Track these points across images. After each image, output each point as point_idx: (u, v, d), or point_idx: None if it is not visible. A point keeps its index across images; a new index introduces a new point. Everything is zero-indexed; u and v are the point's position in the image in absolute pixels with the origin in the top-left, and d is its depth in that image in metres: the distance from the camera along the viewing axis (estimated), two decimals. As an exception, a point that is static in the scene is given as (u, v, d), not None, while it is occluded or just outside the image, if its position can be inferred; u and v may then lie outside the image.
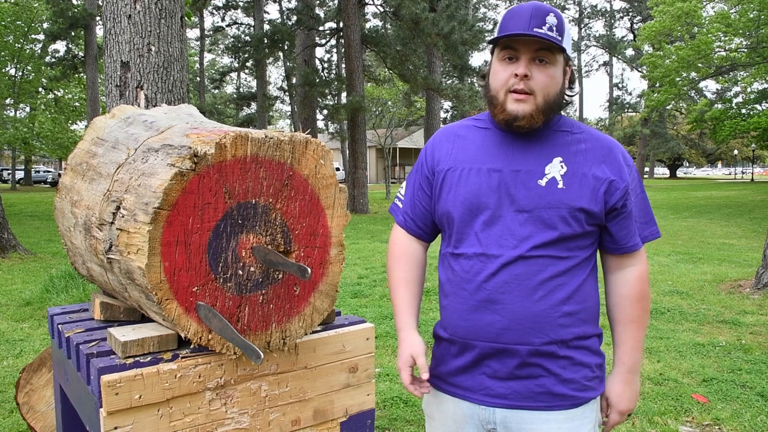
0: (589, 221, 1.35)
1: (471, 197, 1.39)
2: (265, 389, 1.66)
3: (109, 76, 4.25)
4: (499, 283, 1.35)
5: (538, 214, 1.34)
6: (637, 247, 1.42)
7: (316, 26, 21.50)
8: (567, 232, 1.34)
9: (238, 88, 42.26)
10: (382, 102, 29.25)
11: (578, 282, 1.37)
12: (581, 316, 1.38)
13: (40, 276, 7.11)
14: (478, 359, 1.40)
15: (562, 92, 1.38)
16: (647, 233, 1.44)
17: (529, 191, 1.35)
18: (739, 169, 64.77)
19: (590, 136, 1.42)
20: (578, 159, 1.37)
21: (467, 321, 1.39)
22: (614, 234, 1.40)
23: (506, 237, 1.36)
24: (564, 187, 1.34)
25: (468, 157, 1.43)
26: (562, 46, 1.32)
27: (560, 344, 1.36)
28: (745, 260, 8.37)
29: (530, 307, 1.34)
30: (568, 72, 1.41)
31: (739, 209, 17.71)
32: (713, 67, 18.38)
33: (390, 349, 4.45)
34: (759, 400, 3.42)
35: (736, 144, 47.77)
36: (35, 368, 2.68)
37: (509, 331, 1.35)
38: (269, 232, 1.57)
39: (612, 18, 47.07)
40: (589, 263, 1.40)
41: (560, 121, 1.43)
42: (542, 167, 1.36)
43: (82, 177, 1.88)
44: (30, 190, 28.58)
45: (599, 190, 1.34)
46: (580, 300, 1.37)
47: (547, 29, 1.30)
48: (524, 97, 1.33)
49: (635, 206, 1.40)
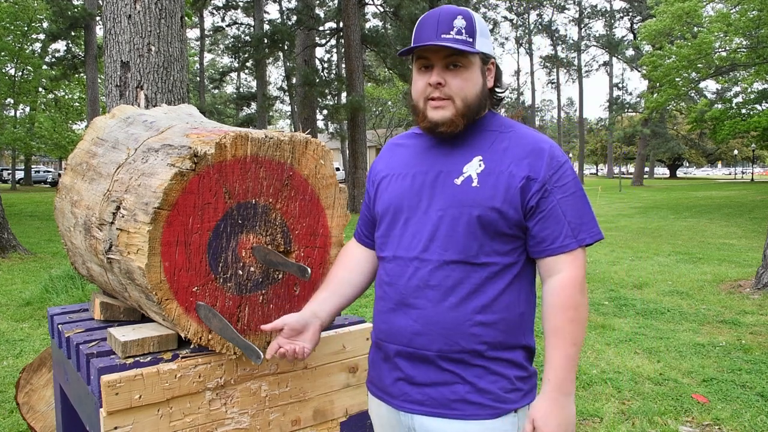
0: (506, 224, 1.30)
1: (394, 200, 1.40)
2: (265, 389, 1.66)
3: (109, 76, 4.25)
4: (413, 287, 1.33)
5: (452, 213, 1.31)
6: (564, 249, 1.30)
7: (316, 26, 21.50)
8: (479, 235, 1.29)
9: (238, 88, 42.25)
10: (382, 102, 29.27)
11: (497, 290, 1.31)
12: (500, 327, 1.31)
13: (40, 276, 7.11)
14: (395, 363, 1.37)
15: (483, 92, 1.36)
16: (584, 235, 1.32)
17: (443, 191, 1.33)
18: (739, 169, 64.79)
19: (517, 134, 1.36)
20: (498, 157, 1.33)
21: (385, 323, 1.39)
22: (535, 234, 1.32)
23: (419, 240, 1.33)
24: (478, 185, 1.30)
25: (401, 164, 1.44)
26: (470, 50, 1.29)
27: (472, 354, 1.30)
28: (745, 260, 8.37)
29: (441, 314, 1.30)
30: (491, 70, 1.39)
31: (739, 209, 17.71)
32: (713, 67, 18.38)
33: (390, 349, 4.45)
34: (759, 400, 3.42)
35: (736, 144, 47.77)
36: (35, 368, 2.68)
37: (421, 336, 1.32)
38: (269, 232, 1.57)
39: (612, 18, 47.06)
40: (512, 270, 1.33)
41: (490, 121, 1.40)
42: (461, 167, 1.34)
43: (82, 177, 1.88)
44: (30, 190, 28.58)
45: (514, 186, 1.29)
46: (499, 309, 1.31)
47: (455, 33, 1.29)
48: (442, 103, 1.33)
49: (564, 206, 1.31)
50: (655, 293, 6.31)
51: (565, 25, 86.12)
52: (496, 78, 1.41)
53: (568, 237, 1.31)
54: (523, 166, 1.30)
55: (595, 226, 1.35)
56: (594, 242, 1.33)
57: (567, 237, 1.31)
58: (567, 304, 1.29)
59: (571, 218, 1.31)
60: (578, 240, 1.31)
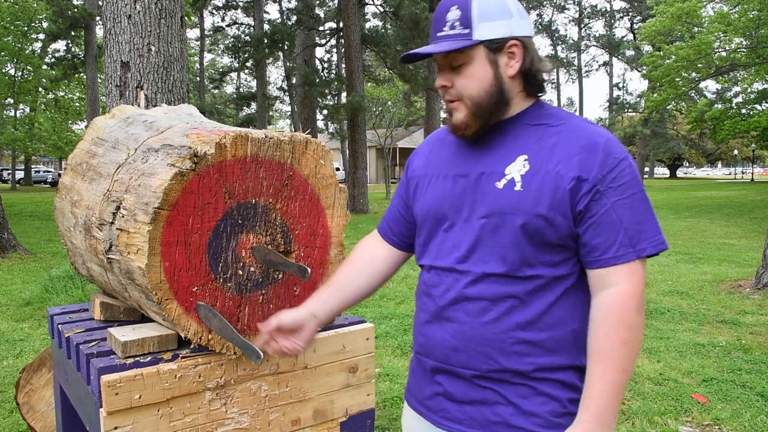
0: (555, 233, 1.15)
1: (434, 205, 1.29)
2: (265, 389, 1.66)
3: (109, 76, 4.25)
4: (450, 300, 1.22)
5: (494, 222, 1.18)
6: (619, 260, 1.14)
7: (316, 26, 21.51)
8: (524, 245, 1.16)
9: (238, 88, 42.26)
10: (382, 102, 29.27)
11: (544, 305, 1.17)
12: (547, 345, 1.17)
13: (40, 276, 7.11)
14: (433, 378, 1.28)
15: (496, 85, 1.19)
16: (645, 244, 1.14)
17: (485, 196, 1.20)
18: (739, 169, 64.78)
19: (569, 127, 1.20)
20: (545, 155, 1.17)
21: (423, 336, 1.30)
22: (586, 243, 1.16)
23: (459, 250, 1.22)
24: (521, 189, 1.16)
25: (441, 163, 1.33)
26: (461, 45, 1.16)
27: (513, 374, 1.18)
28: (745, 260, 8.37)
29: (480, 330, 1.18)
30: (514, 54, 1.20)
31: (739, 209, 17.71)
32: (713, 67, 18.38)
33: (390, 349, 4.45)
34: (759, 400, 3.42)
35: (736, 144, 47.78)
36: (35, 368, 2.68)
37: (458, 353, 1.21)
38: (269, 232, 1.57)
39: (612, 18, 47.08)
40: (563, 283, 1.19)
41: (536, 113, 1.24)
42: (504, 167, 1.20)
43: (82, 177, 1.88)
44: (30, 190, 28.57)
45: (563, 188, 1.14)
46: (547, 326, 1.17)
47: (448, 28, 1.18)
48: (455, 105, 1.23)
49: (621, 210, 1.14)
50: (655, 293, 6.31)
51: (565, 25, 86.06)
52: (526, 60, 1.21)
53: (624, 246, 1.14)
54: (572, 165, 1.15)
55: (658, 233, 1.17)
56: (657, 253, 1.16)
57: (623, 246, 1.14)
58: (619, 324, 1.12)
59: (629, 224, 1.14)
60: (636, 250, 1.14)
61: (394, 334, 4.80)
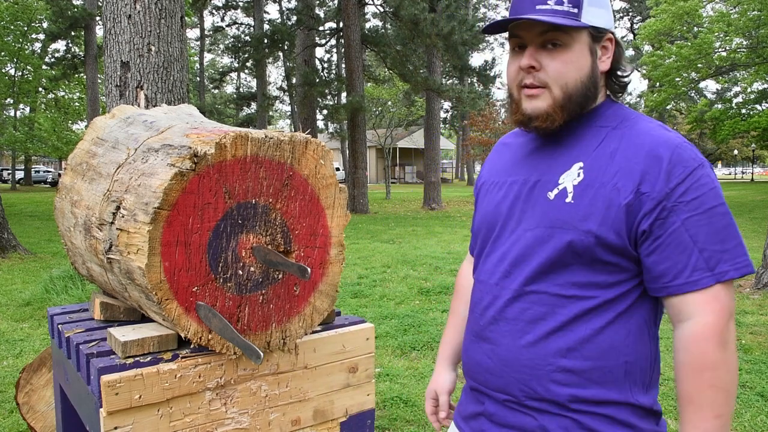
0: (606, 252, 1.03)
1: (487, 215, 1.21)
2: (265, 389, 1.66)
3: (109, 76, 4.25)
4: (489, 318, 1.15)
5: (540, 235, 1.08)
6: (693, 286, 1.00)
7: (316, 26, 21.50)
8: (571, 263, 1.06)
9: (238, 88, 42.26)
10: (382, 102, 29.27)
11: (591, 330, 1.05)
12: (591, 376, 1.05)
13: (40, 276, 7.11)
14: (475, 397, 1.22)
15: (591, 78, 1.09)
16: (726, 267, 0.99)
17: (535, 207, 1.11)
18: (739, 169, 64.77)
19: (633, 131, 1.07)
20: (603, 164, 1.06)
21: (465, 355, 1.25)
22: (650, 267, 1.03)
23: (502, 263, 1.14)
24: (573, 201, 1.06)
25: (501, 169, 1.24)
26: (573, 23, 1.04)
27: (551, 404, 1.07)
28: (745, 260, 8.37)
29: (516, 352, 1.10)
30: (607, 48, 1.11)
31: (739, 209, 17.71)
32: (713, 67, 18.38)
33: (390, 349, 4.45)
34: (759, 400, 3.42)
35: (736, 144, 47.77)
36: (35, 368, 2.68)
37: (493, 376, 1.14)
38: (269, 232, 1.57)
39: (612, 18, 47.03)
40: (615, 307, 1.06)
41: (604, 113, 1.13)
42: (558, 176, 1.10)
43: (82, 177, 1.88)
44: (30, 190, 28.58)
45: (617, 204, 1.02)
46: (592, 354, 1.05)
47: (554, 3, 1.04)
48: (537, 92, 1.09)
49: (694, 229, 1.00)
50: (655, 293, 6.31)
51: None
52: (615, 57, 1.13)
53: (699, 270, 0.99)
54: (633, 177, 1.02)
55: (743, 254, 1.01)
56: (740, 276, 1.01)
57: (697, 270, 1.00)
58: (700, 364, 0.99)
59: (705, 244, 0.99)
60: (716, 274, 0.99)
61: (394, 334, 4.80)
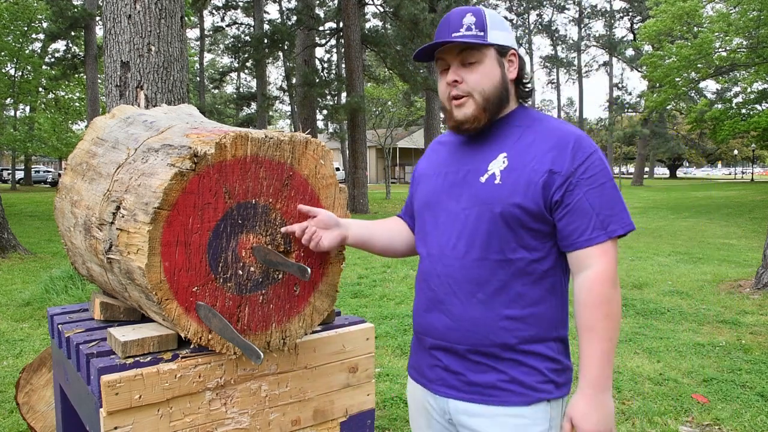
0: (529, 219, 1.30)
1: (426, 197, 1.47)
2: (265, 389, 1.66)
3: (109, 76, 4.25)
4: (443, 284, 1.39)
5: (476, 211, 1.34)
6: (591, 242, 1.28)
7: (316, 26, 21.50)
8: (503, 232, 1.32)
9: (238, 88, 42.26)
10: (382, 102, 29.25)
11: (525, 285, 1.33)
12: (530, 321, 1.34)
13: (40, 276, 7.10)
14: (432, 353, 1.44)
15: (503, 85, 1.37)
16: (614, 226, 1.28)
17: (469, 189, 1.37)
18: (739, 169, 64.78)
19: (544, 127, 1.36)
20: (522, 153, 1.33)
21: (422, 318, 1.46)
22: (562, 229, 1.31)
23: (447, 238, 1.38)
24: (500, 182, 1.32)
25: (439, 162, 1.50)
26: (480, 42, 1.33)
27: (502, 347, 1.34)
28: (745, 260, 8.38)
29: (470, 311, 1.35)
30: (512, 62, 1.40)
31: (739, 209, 17.71)
32: (713, 67, 18.37)
33: (390, 349, 4.45)
34: (759, 400, 3.42)
35: (736, 144, 47.77)
36: (35, 368, 2.68)
37: (453, 332, 1.38)
38: (269, 232, 1.57)
39: (612, 18, 47.04)
40: (541, 265, 1.34)
41: (519, 116, 1.41)
42: (487, 164, 1.37)
43: (82, 177, 1.88)
44: (30, 190, 28.57)
45: (536, 182, 1.29)
46: (527, 304, 1.33)
47: (465, 30, 1.34)
48: (462, 101, 1.36)
49: (592, 198, 1.28)
50: (655, 293, 6.31)
51: (565, 25, 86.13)
52: (520, 69, 1.42)
53: (597, 229, 1.28)
54: (546, 161, 1.30)
55: (626, 216, 1.31)
56: (626, 233, 1.30)
57: (595, 229, 1.28)
58: (598, 301, 1.27)
59: (600, 210, 1.29)
60: (608, 232, 1.28)
61: (394, 334, 4.80)
